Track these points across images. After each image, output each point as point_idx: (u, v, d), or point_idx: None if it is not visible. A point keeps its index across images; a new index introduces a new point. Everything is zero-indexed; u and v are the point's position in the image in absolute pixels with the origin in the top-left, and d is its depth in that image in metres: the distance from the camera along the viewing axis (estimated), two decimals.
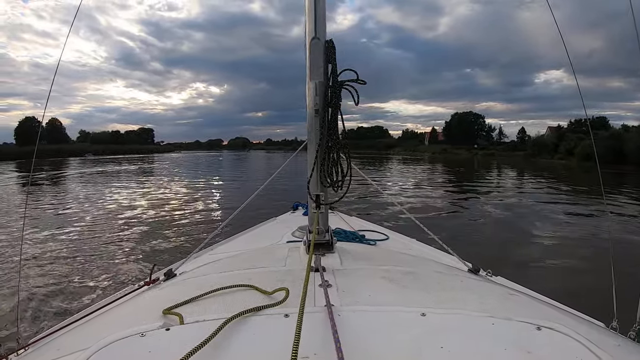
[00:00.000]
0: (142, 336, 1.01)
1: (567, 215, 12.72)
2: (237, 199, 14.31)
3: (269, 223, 4.13)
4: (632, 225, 11.30)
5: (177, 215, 12.52)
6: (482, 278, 1.83)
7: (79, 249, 8.04)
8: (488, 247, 8.34)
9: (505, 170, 38.18)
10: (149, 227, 10.48)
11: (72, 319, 1.76)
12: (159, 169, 40.12)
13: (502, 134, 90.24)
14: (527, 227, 10.70)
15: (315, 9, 1.76)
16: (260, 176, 27.86)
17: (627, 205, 14.53)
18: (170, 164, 50.37)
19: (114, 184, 23.83)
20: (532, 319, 1.10)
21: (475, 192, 19.12)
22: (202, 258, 2.53)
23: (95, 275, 6.52)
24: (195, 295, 1.28)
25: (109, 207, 14.29)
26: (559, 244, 8.97)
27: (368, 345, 0.97)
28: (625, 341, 1.31)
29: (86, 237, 9.24)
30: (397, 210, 10.75)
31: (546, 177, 30.04)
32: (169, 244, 8.41)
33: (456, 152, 78.78)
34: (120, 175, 30.22)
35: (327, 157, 1.76)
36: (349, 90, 1.75)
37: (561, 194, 19.26)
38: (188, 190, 19.82)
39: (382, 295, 1.31)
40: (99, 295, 5.57)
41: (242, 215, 2.45)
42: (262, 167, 42.55)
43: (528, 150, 64.22)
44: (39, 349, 1.41)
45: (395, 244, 3.17)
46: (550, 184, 24.12)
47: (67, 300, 5.52)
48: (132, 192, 19.63)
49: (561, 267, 7.34)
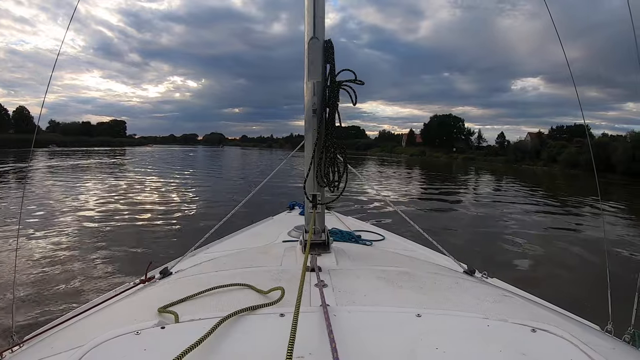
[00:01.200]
0: (137, 334, 1.01)
1: (563, 224, 12.81)
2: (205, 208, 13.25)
3: (265, 222, 4.06)
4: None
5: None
6: (477, 279, 1.82)
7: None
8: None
9: (488, 177, 36.85)
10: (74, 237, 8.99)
11: (67, 317, 1.73)
12: (122, 164, 37.39)
13: (482, 138, 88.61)
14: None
15: (314, 9, 1.76)
16: (235, 176, 26.58)
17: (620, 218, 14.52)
18: (136, 159, 47.21)
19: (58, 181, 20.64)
20: (527, 320, 1.10)
21: (466, 205, 17.07)
22: (198, 256, 2.49)
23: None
24: (190, 293, 1.27)
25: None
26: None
27: (363, 345, 0.97)
28: (619, 344, 1.30)
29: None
30: (391, 211, 10.69)
31: (530, 184, 29.78)
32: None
33: (435, 155, 78.88)
34: (76, 171, 27.34)
35: (324, 157, 1.75)
36: (346, 91, 1.75)
37: (553, 203, 18.81)
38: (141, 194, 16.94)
39: (377, 295, 1.31)
40: (95, 293, 5.46)
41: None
42: (237, 165, 40.71)
43: (509, 156, 62.38)
44: (34, 346, 1.38)
45: (391, 244, 3.13)
46: (541, 193, 23.41)
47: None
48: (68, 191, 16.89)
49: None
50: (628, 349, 1.30)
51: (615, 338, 1.41)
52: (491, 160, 65.64)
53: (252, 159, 55.10)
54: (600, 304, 1.86)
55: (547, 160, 54.53)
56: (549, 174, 43.71)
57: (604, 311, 1.67)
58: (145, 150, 79.34)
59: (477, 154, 74.92)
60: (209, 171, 31.53)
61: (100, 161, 38.72)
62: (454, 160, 68.32)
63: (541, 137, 66.47)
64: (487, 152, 74.47)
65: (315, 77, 1.74)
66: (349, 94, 1.77)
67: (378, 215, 12.27)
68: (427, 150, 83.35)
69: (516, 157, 61.27)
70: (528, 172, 46.65)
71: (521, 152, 62.26)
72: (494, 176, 37.50)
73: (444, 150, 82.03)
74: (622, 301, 1.72)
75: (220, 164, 40.70)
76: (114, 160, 41.19)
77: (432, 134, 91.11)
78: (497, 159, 65.92)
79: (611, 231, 11.33)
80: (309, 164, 1.78)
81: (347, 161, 1.82)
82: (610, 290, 1.80)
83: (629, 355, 1.21)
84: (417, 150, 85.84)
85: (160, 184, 20.56)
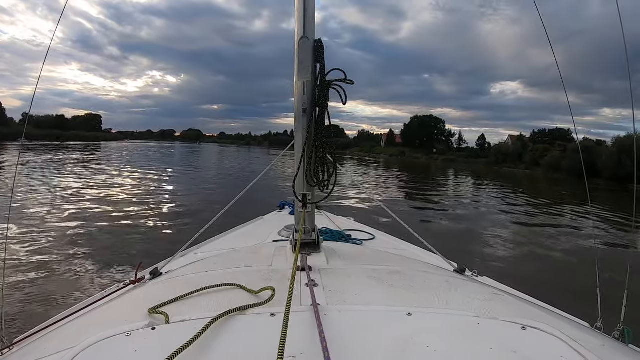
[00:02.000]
0: (127, 335, 1.01)
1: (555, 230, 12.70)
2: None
3: (255, 222, 4.06)
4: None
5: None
6: (467, 278, 1.84)
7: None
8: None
9: (472, 180, 35.53)
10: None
11: (57, 318, 1.72)
12: (93, 160, 34.38)
13: (462, 139, 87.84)
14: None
15: (304, 9, 1.76)
16: (214, 178, 24.65)
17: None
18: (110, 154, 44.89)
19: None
20: (517, 318, 1.12)
21: (459, 214, 15.81)
22: (188, 257, 2.46)
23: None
24: (181, 294, 1.27)
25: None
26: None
27: (354, 344, 0.98)
28: (609, 341, 1.32)
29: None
30: (382, 211, 10.40)
31: (515, 188, 29.12)
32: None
33: (415, 156, 77.81)
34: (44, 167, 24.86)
35: (314, 157, 1.76)
36: (336, 90, 1.76)
37: (543, 207, 18.46)
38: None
39: (368, 294, 1.31)
40: (85, 294, 5.34)
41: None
42: (213, 165, 38.08)
43: (491, 158, 61.33)
44: (24, 348, 1.37)
45: (381, 243, 3.16)
46: (527, 197, 22.81)
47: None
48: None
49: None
50: (618, 345, 1.31)
51: (605, 335, 1.41)
52: (472, 162, 65.14)
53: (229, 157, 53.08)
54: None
55: (529, 164, 54.21)
56: (531, 178, 43.44)
57: (594, 309, 1.63)
58: (121, 146, 76.78)
59: (458, 156, 74.54)
60: (186, 170, 29.50)
61: (67, 157, 35.64)
62: (434, 162, 67.54)
63: (523, 140, 66.04)
64: (468, 154, 74.06)
65: (305, 76, 1.75)
66: (338, 94, 1.77)
67: (368, 214, 12.27)
68: (406, 151, 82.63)
69: (497, 160, 60.94)
70: (510, 174, 46.45)
71: (503, 154, 61.50)
72: (476, 179, 36.74)
73: (424, 151, 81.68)
74: (612, 298, 1.70)
75: (196, 165, 38.07)
76: (78, 156, 37.96)
77: (412, 134, 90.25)
78: (478, 161, 65.64)
79: (601, 235, 11.57)
80: (298, 163, 1.78)
81: (337, 160, 1.82)
82: (599, 288, 1.72)
83: (619, 352, 1.22)
84: (397, 151, 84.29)
85: (130, 184, 19.05)
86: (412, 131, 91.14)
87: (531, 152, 56.41)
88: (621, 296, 1.56)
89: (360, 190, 16.87)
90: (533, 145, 58.36)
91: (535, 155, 53.49)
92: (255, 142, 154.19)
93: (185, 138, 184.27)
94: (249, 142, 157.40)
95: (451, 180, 34.41)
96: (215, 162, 41.90)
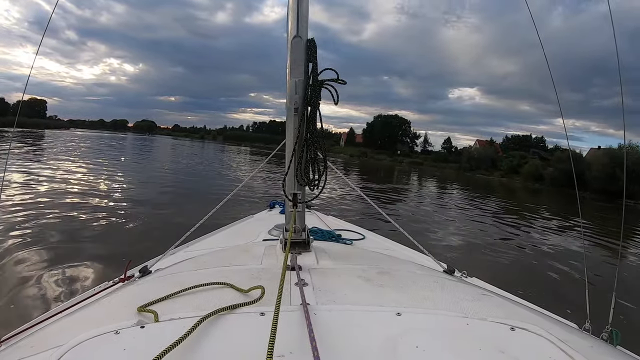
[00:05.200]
0: (116, 334, 1.01)
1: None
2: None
3: (245, 221, 3.96)
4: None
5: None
6: (457, 279, 1.84)
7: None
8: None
9: (450, 187, 32.48)
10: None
11: (45, 316, 1.69)
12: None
13: (428, 142, 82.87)
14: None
15: (297, 8, 1.77)
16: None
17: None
18: None
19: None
20: (506, 319, 1.13)
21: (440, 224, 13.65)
22: (178, 255, 2.42)
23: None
24: (170, 292, 1.26)
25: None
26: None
27: (343, 344, 0.99)
28: (597, 342, 1.33)
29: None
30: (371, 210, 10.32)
31: (499, 196, 27.27)
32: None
33: (377, 157, 74.63)
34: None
35: (305, 156, 1.78)
36: (328, 90, 1.78)
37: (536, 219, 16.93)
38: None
39: (357, 294, 1.32)
40: (73, 291, 5.02)
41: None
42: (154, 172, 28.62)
43: (462, 163, 55.95)
44: (11, 346, 1.33)
45: (371, 243, 3.13)
46: (510, 204, 22.18)
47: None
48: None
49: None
50: (606, 346, 1.32)
51: (593, 336, 1.42)
52: (441, 166, 59.61)
53: (182, 153, 45.08)
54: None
55: (506, 171, 49.43)
56: (510, 187, 40.56)
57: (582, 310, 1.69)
58: (59, 134, 69.21)
59: (424, 159, 70.86)
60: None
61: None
62: (399, 165, 62.27)
63: (494, 146, 61.16)
64: (437, 158, 69.53)
65: (297, 75, 1.74)
66: (330, 93, 1.79)
67: (358, 214, 12.02)
68: (368, 152, 78.92)
69: (470, 166, 55.35)
70: (485, 182, 43.76)
71: (475, 160, 56.27)
72: (458, 187, 32.78)
73: (387, 152, 78.73)
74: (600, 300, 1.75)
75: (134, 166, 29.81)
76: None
77: (375, 134, 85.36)
78: (448, 165, 60.39)
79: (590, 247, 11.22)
80: (289, 162, 1.77)
81: (327, 159, 1.84)
82: (587, 290, 1.80)
83: (607, 353, 1.23)
84: (358, 151, 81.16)
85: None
86: (374, 131, 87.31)
87: (507, 159, 51.26)
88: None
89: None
90: (509, 152, 53.31)
91: (513, 162, 48.17)
92: (209, 136, 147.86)
93: (137, 129, 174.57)
94: (203, 136, 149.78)
95: (428, 189, 30.24)
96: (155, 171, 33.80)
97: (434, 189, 29.83)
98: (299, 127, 1.74)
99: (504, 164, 52.45)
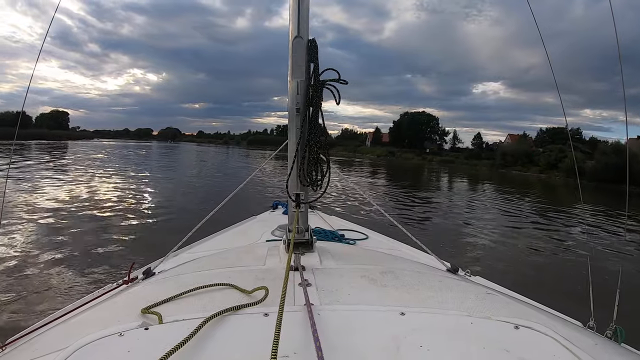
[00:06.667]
0: (120, 336, 1.01)
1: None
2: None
3: (248, 222, 3.93)
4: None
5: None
6: (460, 278, 1.83)
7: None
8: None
9: (491, 188, 28.84)
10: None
11: (50, 319, 1.69)
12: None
13: (457, 139, 79.97)
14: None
15: (299, 8, 1.75)
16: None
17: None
18: None
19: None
20: (510, 318, 1.12)
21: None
22: (181, 256, 2.42)
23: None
24: (174, 294, 1.27)
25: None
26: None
27: (347, 344, 0.98)
28: (602, 340, 1.32)
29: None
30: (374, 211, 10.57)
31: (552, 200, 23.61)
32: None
33: (405, 156, 72.98)
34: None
35: (307, 156, 1.77)
36: (330, 90, 1.77)
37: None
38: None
39: (361, 294, 1.31)
40: (77, 294, 5.24)
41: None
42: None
43: (497, 160, 52.50)
44: (16, 349, 1.35)
45: (374, 243, 3.09)
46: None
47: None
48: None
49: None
50: (610, 344, 1.32)
51: (598, 334, 1.42)
52: (474, 163, 56.65)
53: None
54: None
55: (544, 167, 47.48)
56: (550, 184, 37.45)
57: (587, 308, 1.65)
58: (84, 144, 71.87)
59: (455, 157, 68.45)
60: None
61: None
62: (429, 163, 59.81)
63: (528, 140, 58.04)
64: (469, 155, 65.88)
65: (299, 76, 1.73)
66: (332, 93, 1.78)
67: (361, 214, 12.01)
68: (395, 151, 76.87)
69: (505, 162, 52.03)
70: (523, 179, 40.81)
71: (511, 156, 53.03)
72: (497, 188, 29.11)
73: (415, 151, 76.47)
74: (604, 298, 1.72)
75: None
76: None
77: (402, 132, 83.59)
78: (481, 162, 57.23)
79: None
80: (292, 163, 1.77)
81: (330, 160, 1.84)
82: (591, 287, 1.75)
83: (611, 351, 1.22)
84: (385, 151, 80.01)
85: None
86: (401, 129, 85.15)
87: (544, 153, 48.46)
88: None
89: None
90: (545, 146, 50.31)
91: (551, 157, 45.30)
92: (233, 142, 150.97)
93: (161, 137, 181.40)
94: (227, 141, 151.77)
95: (482, 193, 26.56)
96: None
97: (487, 194, 25.63)
98: (301, 127, 1.75)
99: (542, 159, 49.12)
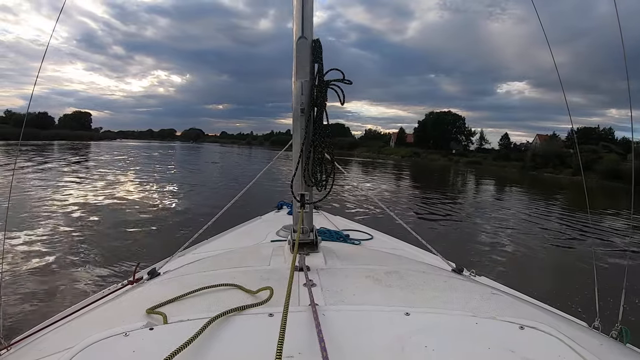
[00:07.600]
0: (125, 336, 1.01)
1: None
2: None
3: (253, 222, 3.95)
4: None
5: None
6: (465, 278, 1.80)
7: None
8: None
9: (536, 196, 25.54)
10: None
11: (55, 319, 1.72)
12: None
13: (484, 139, 77.46)
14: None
15: (302, 9, 1.75)
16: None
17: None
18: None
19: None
20: (515, 318, 1.12)
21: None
22: (186, 257, 2.45)
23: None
24: (179, 294, 1.27)
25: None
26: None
27: (352, 344, 0.99)
28: (607, 340, 1.32)
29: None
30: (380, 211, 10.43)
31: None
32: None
33: (430, 157, 70.88)
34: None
35: (312, 156, 1.77)
36: (334, 90, 1.77)
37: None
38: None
39: (366, 294, 1.31)
40: (83, 294, 5.33)
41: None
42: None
43: (527, 162, 50.56)
44: (22, 348, 1.36)
45: (379, 243, 3.06)
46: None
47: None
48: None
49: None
50: (616, 344, 1.30)
51: (603, 334, 1.40)
52: (502, 165, 54.61)
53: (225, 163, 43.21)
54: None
55: (578, 169, 43.23)
56: (587, 187, 33.09)
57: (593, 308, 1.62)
58: (106, 145, 71.89)
59: (482, 158, 66.18)
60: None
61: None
62: (455, 164, 58.28)
63: (558, 141, 55.68)
64: (497, 156, 64.20)
65: (303, 76, 1.73)
66: (337, 94, 1.77)
67: (366, 213, 11.92)
68: (421, 152, 74.94)
69: (536, 164, 50.02)
70: (556, 182, 39.27)
71: (542, 157, 50.85)
72: (541, 194, 26.28)
73: (441, 152, 74.68)
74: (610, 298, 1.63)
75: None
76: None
77: (427, 133, 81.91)
78: (510, 164, 55.02)
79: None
80: (296, 163, 1.76)
81: (335, 160, 1.85)
82: (597, 287, 1.73)
83: (617, 351, 1.22)
84: (410, 151, 77.77)
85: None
86: (427, 129, 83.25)
87: (582, 154, 45.96)
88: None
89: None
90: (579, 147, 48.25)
91: (587, 158, 43.08)
92: (256, 142, 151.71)
93: (185, 137, 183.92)
94: (250, 142, 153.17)
95: (508, 197, 24.96)
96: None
97: (539, 204, 20.81)
98: (305, 128, 1.75)
99: (576, 161, 44.05)
